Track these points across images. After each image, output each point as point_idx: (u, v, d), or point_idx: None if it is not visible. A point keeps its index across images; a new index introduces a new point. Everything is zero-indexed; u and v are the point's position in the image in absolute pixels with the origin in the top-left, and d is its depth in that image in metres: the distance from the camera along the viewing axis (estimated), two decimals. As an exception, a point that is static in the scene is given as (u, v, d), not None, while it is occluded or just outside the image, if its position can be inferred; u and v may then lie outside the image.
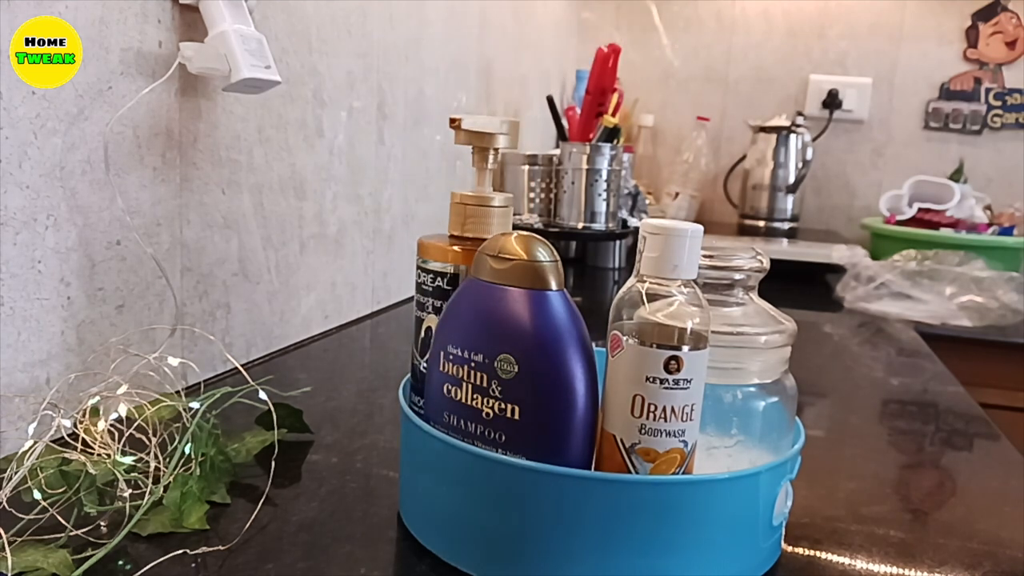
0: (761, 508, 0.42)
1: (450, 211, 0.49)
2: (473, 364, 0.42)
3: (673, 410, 0.39)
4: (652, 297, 0.39)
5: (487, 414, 0.41)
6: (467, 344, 0.42)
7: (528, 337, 0.40)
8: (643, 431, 0.39)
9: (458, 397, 0.43)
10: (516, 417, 0.41)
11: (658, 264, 0.39)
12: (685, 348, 0.38)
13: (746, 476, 0.41)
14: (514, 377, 0.40)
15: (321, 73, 0.83)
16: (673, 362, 0.38)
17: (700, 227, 0.39)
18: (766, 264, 0.44)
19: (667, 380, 0.38)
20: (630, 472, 0.40)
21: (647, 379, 0.39)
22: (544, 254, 0.42)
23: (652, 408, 0.39)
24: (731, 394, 0.44)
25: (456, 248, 0.48)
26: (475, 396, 0.42)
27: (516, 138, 0.50)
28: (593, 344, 0.42)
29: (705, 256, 0.43)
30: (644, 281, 0.40)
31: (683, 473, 0.40)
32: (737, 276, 0.44)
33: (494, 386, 0.41)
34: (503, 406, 0.41)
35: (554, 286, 0.41)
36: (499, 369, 0.41)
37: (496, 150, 0.49)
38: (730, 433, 0.44)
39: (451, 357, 0.43)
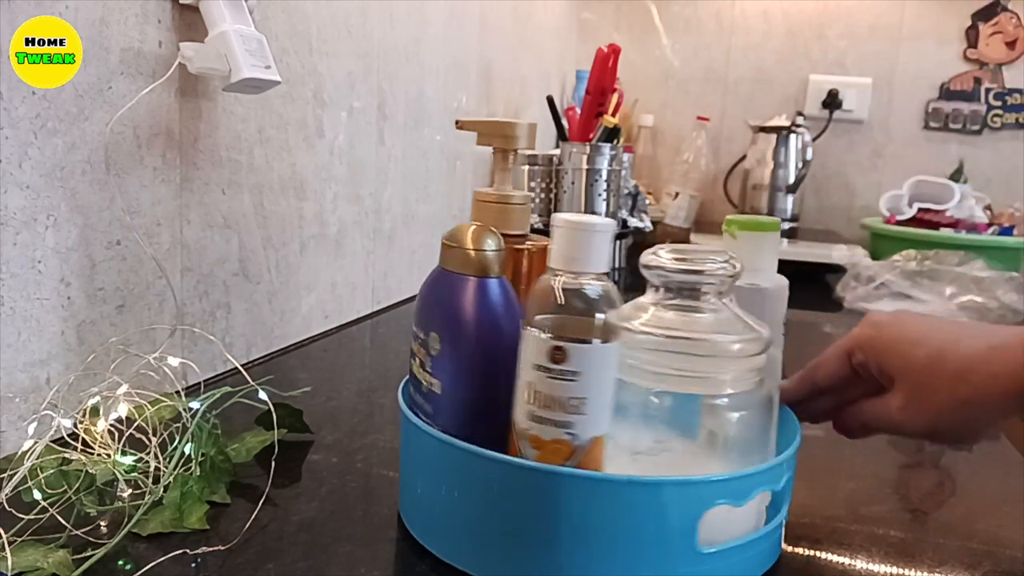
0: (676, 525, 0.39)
1: (472, 208, 0.52)
2: (419, 341, 0.46)
3: (559, 401, 0.39)
4: (568, 292, 0.40)
5: (424, 387, 0.46)
6: (418, 323, 0.46)
7: (452, 319, 0.44)
8: (531, 418, 0.40)
9: (413, 369, 0.47)
10: (438, 392, 0.44)
11: (566, 258, 0.40)
12: (574, 341, 0.39)
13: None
14: (438, 355, 0.44)
15: (321, 73, 0.83)
16: (558, 352, 0.39)
17: (611, 222, 0.41)
18: (739, 269, 0.43)
19: (552, 370, 0.39)
20: (520, 456, 0.41)
21: (535, 367, 0.40)
22: (491, 244, 0.44)
23: (538, 396, 0.40)
24: (700, 403, 0.42)
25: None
26: (420, 370, 0.46)
27: (534, 140, 0.53)
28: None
29: (676, 259, 0.43)
30: (557, 275, 0.40)
31: (575, 467, 0.40)
32: (708, 281, 0.43)
33: (427, 362, 0.45)
34: (431, 380, 0.45)
35: (493, 274, 0.43)
36: (430, 347, 0.45)
37: (516, 151, 0.52)
38: (697, 442, 0.43)
39: (413, 334, 0.47)
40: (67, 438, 0.47)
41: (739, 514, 0.41)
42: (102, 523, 0.45)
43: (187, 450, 0.48)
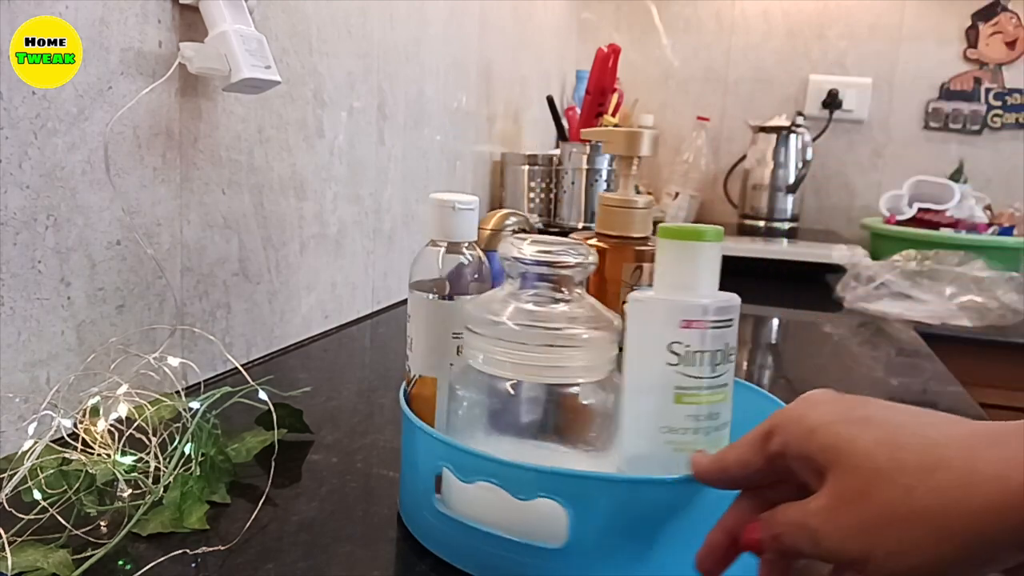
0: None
1: (598, 212, 0.56)
2: None
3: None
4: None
5: None
6: None
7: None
8: None
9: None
10: None
11: (441, 228, 0.49)
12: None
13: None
14: None
15: (321, 73, 0.83)
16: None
17: (474, 198, 0.49)
18: (592, 260, 0.44)
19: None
20: None
21: None
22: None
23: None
24: (553, 391, 0.43)
25: (601, 243, 0.54)
26: None
27: (656, 147, 0.56)
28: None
29: (541, 251, 0.43)
30: (437, 245, 0.50)
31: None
32: (563, 272, 0.43)
33: None
34: None
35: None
36: None
37: (639, 158, 0.55)
38: (551, 431, 0.43)
39: None
40: (67, 438, 0.47)
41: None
42: (102, 523, 0.45)
43: (187, 450, 0.48)
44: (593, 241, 0.54)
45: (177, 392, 0.55)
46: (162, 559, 0.41)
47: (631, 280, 0.53)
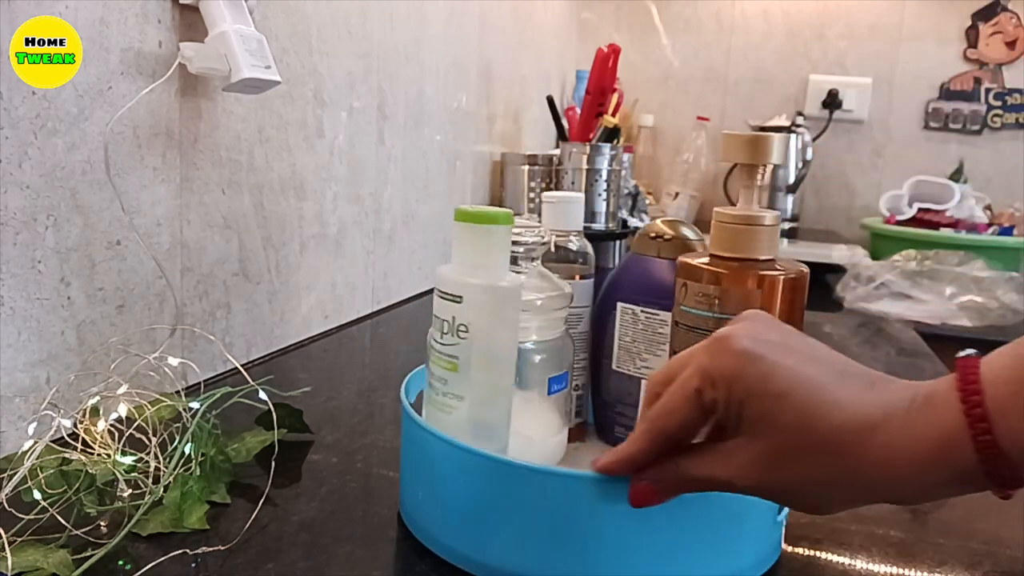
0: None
1: (712, 229, 0.47)
2: None
3: None
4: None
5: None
6: None
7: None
8: None
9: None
10: None
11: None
12: None
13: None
14: None
15: (321, 73, 0.83)
16: None
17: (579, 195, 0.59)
18: (547, 239, 0.52)
19: None
20: None
21: None
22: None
23: None
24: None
25: (716, 267, 0.46)
26: None
27: (784, 154, 0.50)
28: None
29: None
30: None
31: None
32: (520, 249, 0.50)
33: None
34: None
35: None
36: None
37: (764, 167, 0.47)
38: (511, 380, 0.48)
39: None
40: (67, 438, 0.47)
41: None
42: (102, 523, 0.45)
43: (187, 450, 0.48)
44: (703, 261, 0.47)
45: (177, 392, 0.55)
46: (162, 559, 0.41)
47: (682, 300, 0.47)
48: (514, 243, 0.49)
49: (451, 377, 0.44)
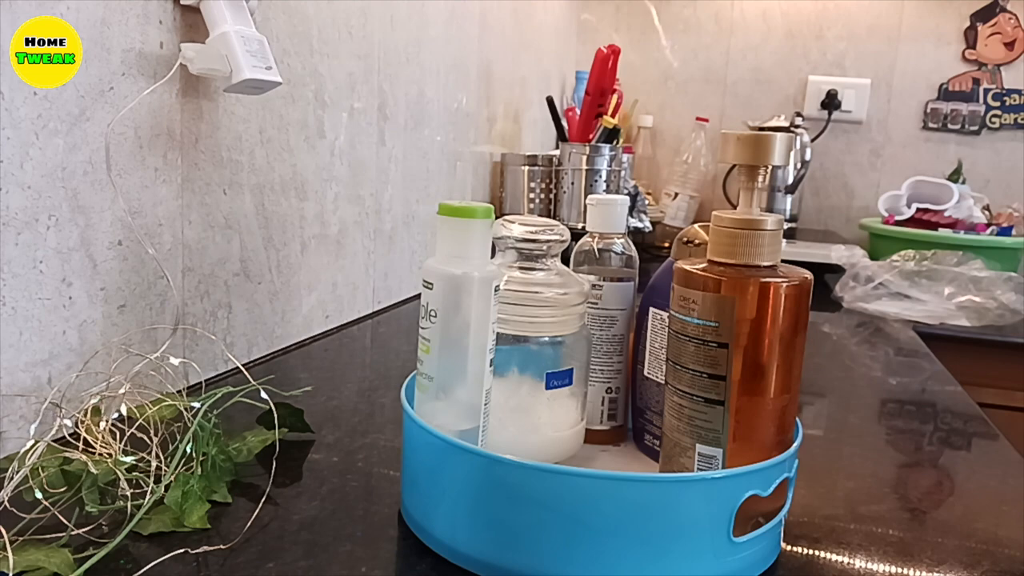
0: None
1: (711, 235, 0.45)
2: None
3: None
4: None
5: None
6: None
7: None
8: None
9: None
10: None
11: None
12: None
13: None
14: None
15: (322, 74, 0.84)
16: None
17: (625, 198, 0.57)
18: (566, 237, 0.52)
19: None
20: None
21: None
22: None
23: None
24: (533, 343, 0.51)
25: (713, 273, 0.44)
26: None
27: (787, 155, 0.48)
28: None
29: (525, 231, 0.51)
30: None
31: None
32: (542, 247, 0.52)
33: None
34: None
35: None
36: None
37: (767, 168, 0.46)
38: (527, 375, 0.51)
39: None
40: (68, 438, 0.47)
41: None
42: (103, 522, 0.45)
43: (188, 449, 0.48)
44: (699, 267, 0.45)
45: (178, 392, 0.55)
46: (163, 558, 0.42)
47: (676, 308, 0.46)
48: (531, 242, 0.51)
49: (426, 358, 0.47)
